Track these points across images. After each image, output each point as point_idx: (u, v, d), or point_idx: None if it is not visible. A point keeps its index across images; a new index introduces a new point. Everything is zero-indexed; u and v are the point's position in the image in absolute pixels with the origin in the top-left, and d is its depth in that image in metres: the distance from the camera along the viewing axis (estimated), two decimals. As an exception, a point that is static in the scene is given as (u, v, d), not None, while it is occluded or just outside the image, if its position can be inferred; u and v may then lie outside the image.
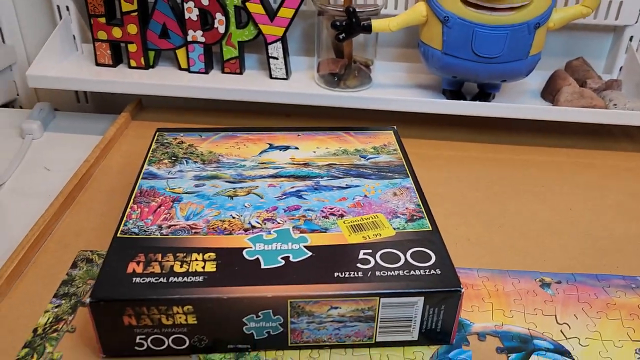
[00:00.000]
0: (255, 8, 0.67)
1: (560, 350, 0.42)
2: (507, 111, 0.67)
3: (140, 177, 0.50)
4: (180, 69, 0.73)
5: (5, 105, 0.81)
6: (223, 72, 0.73)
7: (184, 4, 0.68)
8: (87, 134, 0.72)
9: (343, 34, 0.63)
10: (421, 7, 0.63)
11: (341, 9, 0.64)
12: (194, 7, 0.68)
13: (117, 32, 0.71)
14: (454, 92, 0.69)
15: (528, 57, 0.62)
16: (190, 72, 0.73)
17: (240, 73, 0.73)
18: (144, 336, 0.39)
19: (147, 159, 0.53)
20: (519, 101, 0.69)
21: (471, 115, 0.68)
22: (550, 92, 0.69)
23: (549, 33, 0.64)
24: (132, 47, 0.72)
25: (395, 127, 0.60)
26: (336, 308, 0.39)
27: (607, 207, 0.59)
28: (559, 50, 0.77)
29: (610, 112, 0.65)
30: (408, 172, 0.52)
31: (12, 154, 0.66)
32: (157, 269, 0.40)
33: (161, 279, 0.39)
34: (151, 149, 0.54)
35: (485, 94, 0.69)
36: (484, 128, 0.73)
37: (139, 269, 0.40)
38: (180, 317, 0.38)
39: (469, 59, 0.61)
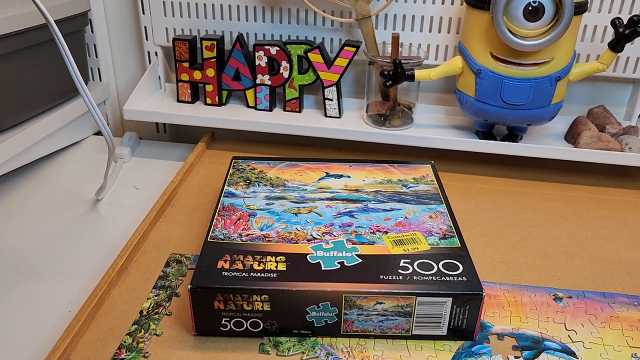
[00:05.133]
0: (316, 58, 0.79)
1: (566, 350, 0.51)
2: (532, 151, 0.76)
3: (222, 195, 0.62)
4: (248, 106, 0.86)
5: (97, 134, 0.95)
6: (285, 110, 0.85)
7: (256, 52, 0.81)
8: (166, 160, 0.85)
9: (390, 82, 0.74)
10: (458, 61, 0.73)
11: (389, 61, 0.75)
12: (264, 55, 0.81)
13: (197, 75, 0.84)
14: (486, 133, 0.79)
15: (550, 105, 0.71)
16: (256, 109, 0.85)
17: (300, 111, 0.85)
18: (228, 319, 0.50)
19: (227, 181, 0.64)
20: (544, 142, 0.78)
21: (500, 154, 0.77)
22: (572, 136, 0.78)
23: (574, 83, 0.73)
24: (209, 87, 0.85)
25: (432, 161, 0.70)
26: (381, 303, 0.49)
27: (621, 237, 0.67)
28: (583, 98, 0.85)
29: (624, 154, 0.73)
30: (442, 199, 0.62)
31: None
32: (240, 266, 0.51)
33: (244, 274, 0.50)
34: (229, 173, 0.66)
35: (513, 135, 0.78)
36: (512, 165, 0.82)
37: (227, 266, 0.51)
38: (257, 304, 0.49)
39: (498, 105, 0.71)
